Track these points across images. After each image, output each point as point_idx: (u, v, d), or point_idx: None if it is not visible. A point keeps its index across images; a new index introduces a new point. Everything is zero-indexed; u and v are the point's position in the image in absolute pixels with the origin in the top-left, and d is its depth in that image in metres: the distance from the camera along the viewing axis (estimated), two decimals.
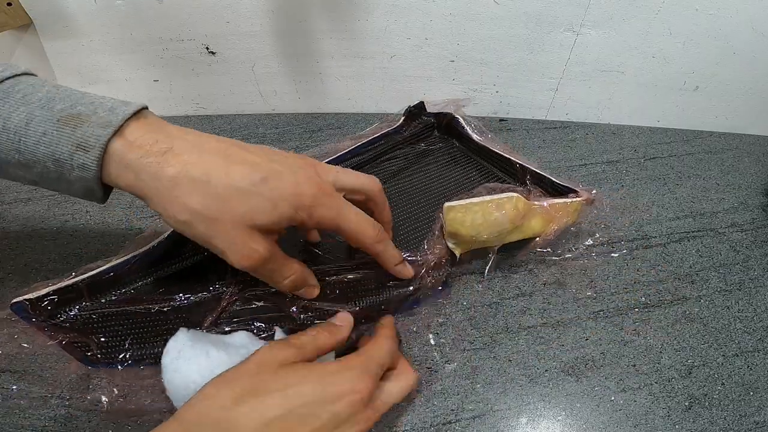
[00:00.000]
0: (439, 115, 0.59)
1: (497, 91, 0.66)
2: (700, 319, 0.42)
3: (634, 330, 0.41)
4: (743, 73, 0.60)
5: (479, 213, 0.38)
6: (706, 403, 0.36)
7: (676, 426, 0.35)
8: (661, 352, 0.39)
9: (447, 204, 0.38)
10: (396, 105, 0.69)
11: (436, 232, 0.40)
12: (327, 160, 0.47)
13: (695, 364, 0.39)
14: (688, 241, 0.50)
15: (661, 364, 0.39)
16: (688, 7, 0.54)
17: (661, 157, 0.61)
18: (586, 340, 0.40)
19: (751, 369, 0.39)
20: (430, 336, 0.40)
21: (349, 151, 0.50)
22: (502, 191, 0.39)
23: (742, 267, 0.47)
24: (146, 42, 0.62)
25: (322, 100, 0.69)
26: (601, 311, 0.42)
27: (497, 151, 0.52)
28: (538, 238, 0.42)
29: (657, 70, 0.60)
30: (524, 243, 0.43)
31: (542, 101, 0.66)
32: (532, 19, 0.56)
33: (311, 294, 0.35)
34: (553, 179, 0.46)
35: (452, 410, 0.35)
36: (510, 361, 0.38)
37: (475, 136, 0.54)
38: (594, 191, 0.44)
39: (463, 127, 0.55)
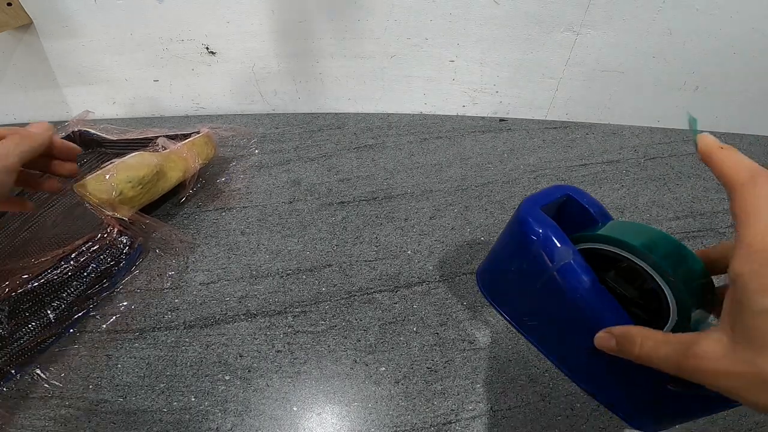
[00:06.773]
0: (70, 136, 0.60)
1: (497, 91, 0.66)
2: None
3: None
4: (743, 73, 0.60)
5: (116, 176, 0.43)
6: None
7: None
8: None
9: (77, 184, 0.42)
10: (396, 105, 0.69)
11: (93, 210, 0.43)
12: None
13: None
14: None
15: None
16: (688, 7, 0.54)
17: (661, 157, 0.61)
18: None
19: None
20: (430, 336, 0.40)
21: None
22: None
23: None
24: (146, 42, 0.62)
25: (322, 100, 0.69)
26: None
27: (132, 137, 0.58)
28: (190, 177, 0.51)
29: (657, 70, 0.60)
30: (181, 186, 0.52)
31: (542, 101, 0.66)
32: (532, 19, 0.57)
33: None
34: (180, 132, 0.55)
35: (452, 410, 0.35)
36: (510, 361, 0.38)
37: (109, 136, 0.60)
38: (207, 129, 0.55)
39: (95, 134, 0.60)
